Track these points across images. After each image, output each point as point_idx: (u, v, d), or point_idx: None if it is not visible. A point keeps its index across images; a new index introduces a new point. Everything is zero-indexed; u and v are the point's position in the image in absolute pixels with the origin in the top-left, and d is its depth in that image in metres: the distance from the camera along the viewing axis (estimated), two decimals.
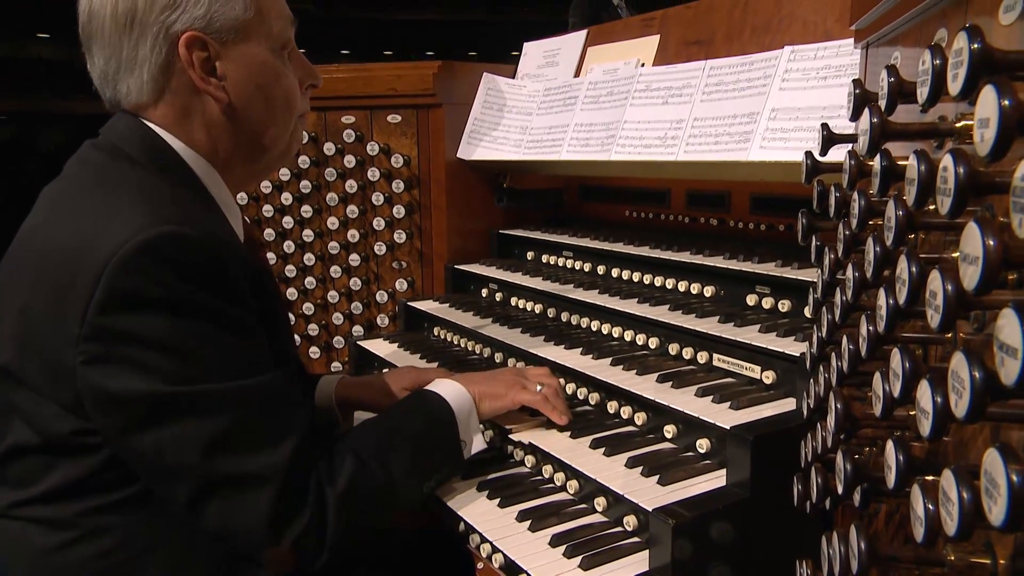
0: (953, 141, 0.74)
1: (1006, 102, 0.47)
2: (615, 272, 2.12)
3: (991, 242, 0.48)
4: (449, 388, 1.51)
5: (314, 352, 2.70)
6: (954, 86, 0.56)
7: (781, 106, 1.66)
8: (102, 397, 1.10)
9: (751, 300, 1.75)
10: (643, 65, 2.20)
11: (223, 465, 1.12)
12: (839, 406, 0.84)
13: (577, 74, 2.48)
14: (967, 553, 0.61)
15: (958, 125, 0.69)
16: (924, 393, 0.60)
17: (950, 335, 0.74)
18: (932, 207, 0.66)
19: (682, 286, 1.92)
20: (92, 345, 1.08)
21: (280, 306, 1.46)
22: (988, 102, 0.48)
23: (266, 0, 1.31)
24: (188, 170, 1.28)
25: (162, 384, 1.09)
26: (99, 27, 1.23)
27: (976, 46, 0.53)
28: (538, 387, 1.59)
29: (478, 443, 1.51)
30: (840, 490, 0.83)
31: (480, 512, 1.46)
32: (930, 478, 0.69)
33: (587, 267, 2.23)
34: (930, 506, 0.59)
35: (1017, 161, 0.61)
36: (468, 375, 1.63)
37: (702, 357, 1.67)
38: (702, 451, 1.45)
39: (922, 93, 0.65)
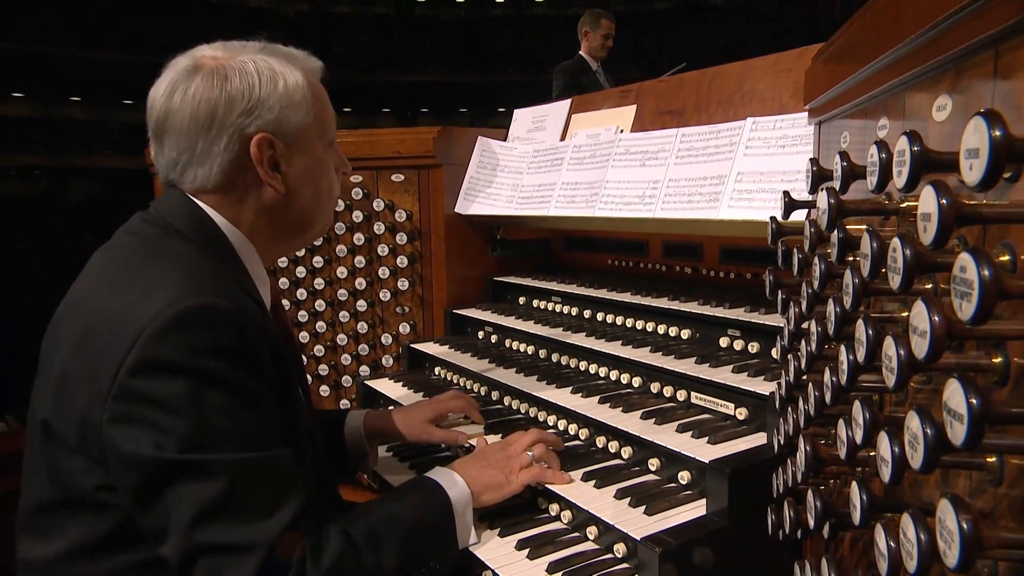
0: (899, 218, 0.79)
1: (943, 201, 0.51)
2: (600, 316, 2.15)
3: (937, 319, 0.51)
4: (449, 479, 1.42)
5: (324, 391, 2.69)
6: (899, 180, 0.61)
7: (746, 170, 1.72)
8: (117, 456, 1.09)
9: (724, 342, 1.78)
10: (622, 131, 2.27)
11: (209, 533, 1.07)
12: (808, 448, 0.87)
13: (563, 138, 2.54)
14: None
15: (903, 205, 0.74)
16: (883, 443, 0.63)
17: None
18: (884, 271, 0.70)
19: (661, 329, 1.95)
20: (117, 404, 1.07)
21: (298, 368, 1.44)
22: (929, 200, 0.52)
23: (321, 106, 1.37)
24: (228, 245, 1.30)
25: (172, 449, 1.06)
26: (177, 124, 1.26)
27: (916, 149, 0.58)
28: (529, 454, 1.53)
29: (472, 537, 1.42)
30: (811, 524, 0.85)
31: (482, 540, 1.45)
32: (890, 515, 0.71)
33: (575, 311, 2.27)
34: (892, 543, 0.62)
35: (955, 242, 0.65)
36: (464, 464, 1.49)
37: (681, 395, 1.70)
38: (684, 483, 1.47)
39: (871, 181, 0.69)
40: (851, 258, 0.85)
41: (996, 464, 0.57)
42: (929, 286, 0.71)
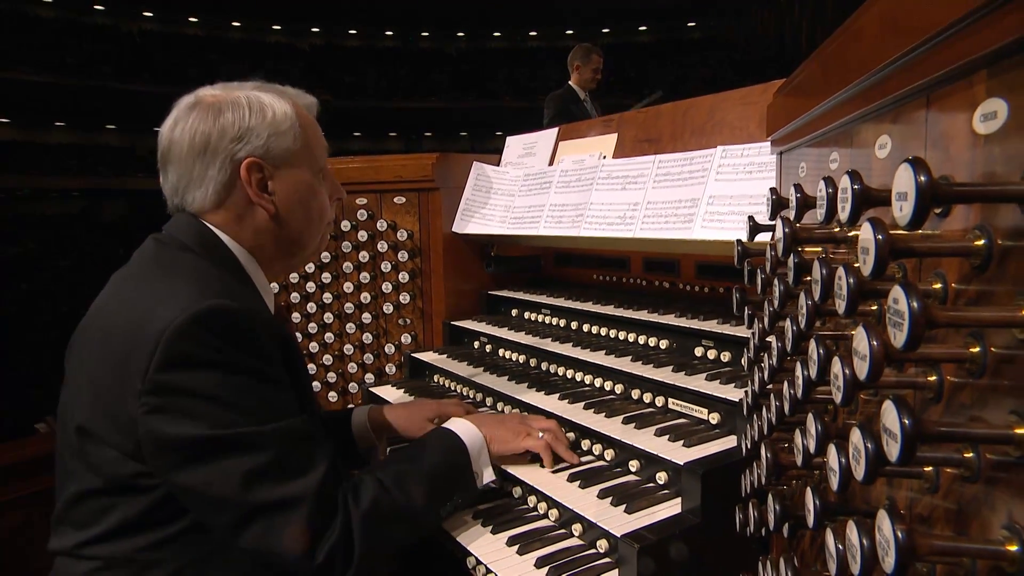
0: (846, 245, 0.79)
1: (879, 237, 0.51)
2: (586, 327, 2.15)
3: (875, 344, 0.52)
4: (463, 427, 1.50)
5: (332, 397, 2.69)
6: (843, 214, 0.61)
7: (717, 194, 1.72)
8: (159, 441, 1.12)
9: (698, 352, 1.78)
10: (605, 157, 2.27)
11: (261, 494, 1.12)
12: (769, 455, 0.87)
13: (551, 163, 2.55)
14: None
15: (849, 234, 0.74)
16: (832, 454, 0.63)
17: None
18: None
19: (641, 339, 1.95)
20: (152, 398, 1.10)
21: (303, 368, 1.47)
22: (867, 234, 0.53)
23: (311, 136, 1.41)
24: (233, 259, 1.34)
25: (208, 428, 1.10)
26: (177, 152, 1.32)
27: (856, 187, 0.58)
28: (540, 435, 1.59)
29: (488, 475, 1.51)
30: (772, 525, 0.85)
31: (476, 537, 1.45)
32: (841, 518, 0.71)
33: (562, 323, 2.26)
34: (839, 547, 0.62)
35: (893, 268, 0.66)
36: (481, 418, 1.60)
37: (659, 401, 1.70)
38: (661, 483, 1.46)
39: (820, 213, 0.70)
40: (807, 278, 0.85)
41: (932, 474, 0.58)
42: (875, 308, 0.72)
